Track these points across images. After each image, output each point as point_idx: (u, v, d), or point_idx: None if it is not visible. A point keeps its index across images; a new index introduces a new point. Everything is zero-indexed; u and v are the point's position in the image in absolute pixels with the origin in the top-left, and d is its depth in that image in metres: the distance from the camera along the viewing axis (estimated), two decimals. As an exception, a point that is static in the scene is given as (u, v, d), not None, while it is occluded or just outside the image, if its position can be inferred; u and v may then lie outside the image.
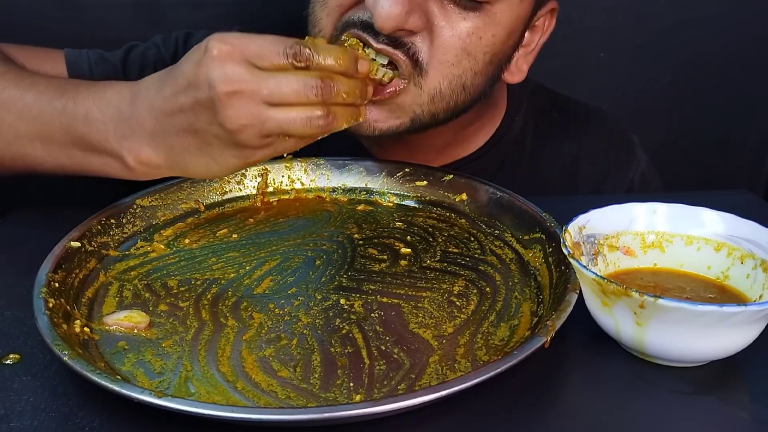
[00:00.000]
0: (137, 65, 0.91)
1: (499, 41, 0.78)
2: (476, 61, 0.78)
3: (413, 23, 0.73)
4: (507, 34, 0.79)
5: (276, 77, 0.61)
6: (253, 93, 0.60)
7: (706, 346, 0.55)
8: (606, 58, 1.35)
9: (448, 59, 0.76)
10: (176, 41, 0.94)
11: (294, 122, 0.61)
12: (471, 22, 0.76)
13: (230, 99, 0.60)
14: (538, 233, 0.70)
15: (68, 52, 0.91)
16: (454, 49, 0.76)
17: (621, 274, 0.63)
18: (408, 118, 0.79)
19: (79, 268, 0.66)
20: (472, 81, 0.79)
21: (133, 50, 0.93)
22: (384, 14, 0.71)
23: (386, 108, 0.78)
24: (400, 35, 0.74)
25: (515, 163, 0.95)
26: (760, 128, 1.44)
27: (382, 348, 0.58)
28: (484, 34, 0.77)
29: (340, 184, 0.83)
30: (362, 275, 0.68)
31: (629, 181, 0.97)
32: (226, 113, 0.60)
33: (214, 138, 0.63)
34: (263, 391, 0.54)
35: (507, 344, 0.59)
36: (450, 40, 0.75)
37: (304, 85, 0.61)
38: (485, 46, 0.77)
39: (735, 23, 1.35)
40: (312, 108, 0.62)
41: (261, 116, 0.61)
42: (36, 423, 0.51)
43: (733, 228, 0.63)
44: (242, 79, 0.60)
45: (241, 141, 0.62)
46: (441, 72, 0.76)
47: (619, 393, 0.56)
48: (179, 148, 0.65)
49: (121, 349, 0.58)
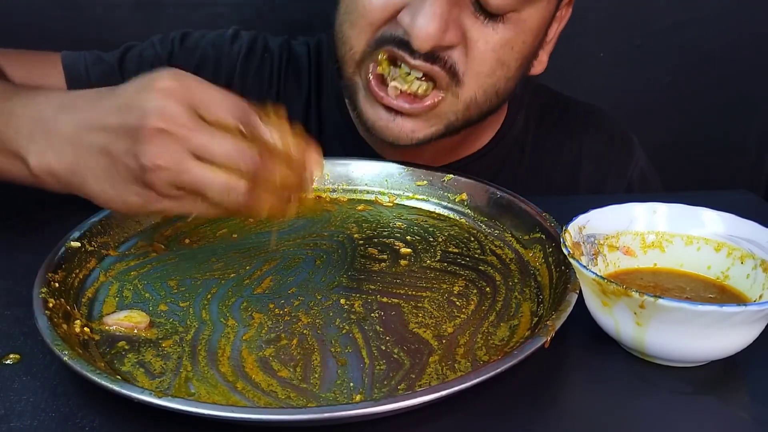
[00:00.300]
0: (134, 65, 0.91)
1: (528, 46, 0.79)
2: (509, 68, 0.79)
3: (450, 39, 0.74)
4: (534, 37, 0.80)
5: (212, 133, 0.56)
6: (183, 138, 0.55)
7: (706, 346, 0.55)
8: (606, 58, 1.35)
9: (483, 71, 0.77)
10: (173, 41, 0.94)
11: (212, 184, 0.56)
12: (503, 33, 0.76)
13: (157, 136, 0.55)
14: (538, 233, 0.70)
15: (65, 54, 0.90)
16: (489, 61, 0.77)
17: (621, 274, 0.63)
18: (443, 125, 0.80)
19: (79, 268, 0.66)
20: (505, 86, 0.80)
21: (131, 50, 0.93)
22: (423, 35, 0.71)
23: (423, 118, 0.78)
24: (436, 50, 0.74)
25: (517, 161, 0.95)
26: (760, 128, 1.44)
27: (382, 348, 0.58)
28: (516, 43, 0.77)
29: (340, 184, 0.83)
30: (362, 275, 0.68)
31: (628, 178, 0.97)
32: (147, 147, 0.55)
33: (124, 168, 0.57)
34: (263, 391, 0.54)
35: (507, 344, 0.59)
36: (485, 54, 0.76)
37: (238, 152, 0.56)
38: (517, 53, 0.78)
39: (735, 23, 1.35)
40: (237, 178, 0.56)
41: (181, 164, 0.56)
42: (36, 423, 0.51)
43: (733, 228, 0.63)
44: (177, 121, 0.55)
45: (150, 181, 0.56)
46: (477, 82, 0.77)
47: (619, 393, 0.56)
48: (85, 164, 0.59)
49: (121, 349, 0.58)
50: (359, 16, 0.77)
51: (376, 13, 0.76)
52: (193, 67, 0.93)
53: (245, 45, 0.95)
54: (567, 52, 1.32)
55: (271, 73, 0.95)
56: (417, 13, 0.72)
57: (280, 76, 0.95)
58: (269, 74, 0.95)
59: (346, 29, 0.79)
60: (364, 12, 0.77)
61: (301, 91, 0.95)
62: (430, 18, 0.71)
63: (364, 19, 0.77)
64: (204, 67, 0.93)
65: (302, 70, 0.96)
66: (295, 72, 0.96)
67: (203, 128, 0.56)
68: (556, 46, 0.88)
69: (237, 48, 0.95)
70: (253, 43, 0.96)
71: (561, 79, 1.08)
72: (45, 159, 0.61)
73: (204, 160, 0.56)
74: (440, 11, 0.71)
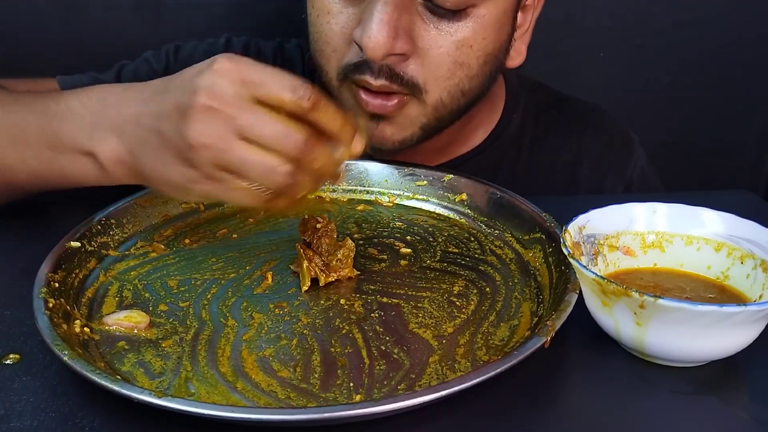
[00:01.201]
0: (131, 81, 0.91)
1: (491, 42, 0.79)
2: (470, 67, 0.79)
3: (401, 47, 0.74)
4: (497, 31, 0.80)
5: (260, 113, 0.57)
6: (230, 117, 0.56)
7: (706, 346, 0.55)
8: (606, 58, 1.35)
9: (442, 74, 0.78)
10: (167, 54, 0.95)
11: (255, 165, 0.57)
12: (459, 34, 0.76)
13: (204, 113, 0.56)
14: (538, 233, 0.70)
15: (62, 79, 0.90)
16: (446, 64, 0.77)
17: (621, 274, 0.63)
18: (417, 128, 0.81)
19: (79, 268, 0.66)
20: (470, 85, 0.80)
21: (124, 69, 0.94)
22: (372, 44, 0.72)
23: (397, 122, 0.80)
24: (392, 63, 0.75)
25: (515, 160, 0.95)
26: (760, 128, 1.44)
27: (382, 348, 0.58)
28: (475, 41, 0.78)
29: (340, 184, 0.83)
30: (362, 275, 0.68)
31: (628, 177, 0.97)
32: (193, 125, 0.56)
33: (172, 145, 0.58)
34: (263, 391, 0.54)
35: (507, 344, 0.59)
36: (440, 57, 0.77)
37: (284, 134, 0.57)
38: (478, 51, 0.78)
39: (735, 23, 1.35)
40: (281, 160, 0.57)
41: (225, 143, 0.56)
42: (36, 423, 0.51)
43: (733, 228, 0.63)
44: (225, 99, 0.56)
45: (194, 160, 0.57)
46: (439, 86, 0.78)
47: (619, 393, 0.56)
48: (141, 144, 0.60)
49: (121, 349, 0.58)
50: (323, 44, 0.79)
51: (336, 38, 0.78)
52: None
53: (239, 51, 0.95)
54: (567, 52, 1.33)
55: None
56: (366, 24, 0.73)
57: None
58: None
59: (317, 58, 0.81)
60: (326, 39, 0.79)
61: None
62: (378, 26, 0.72)
63: (328, 47, 0.79)
64: None
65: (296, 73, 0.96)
66: None
67: (251, 108, 0.56)
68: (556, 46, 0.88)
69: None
70: (246, 49, 0.96)
71: (561, 79, 1.08)
72: (110, 145, 0.62)
73: (250, 140, 0.56)
74: (387, 18, 0.72)
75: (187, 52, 0.95)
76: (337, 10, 0.77)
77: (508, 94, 0.97)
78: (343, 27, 0.77)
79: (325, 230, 0.67)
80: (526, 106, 0.97)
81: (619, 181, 0.97)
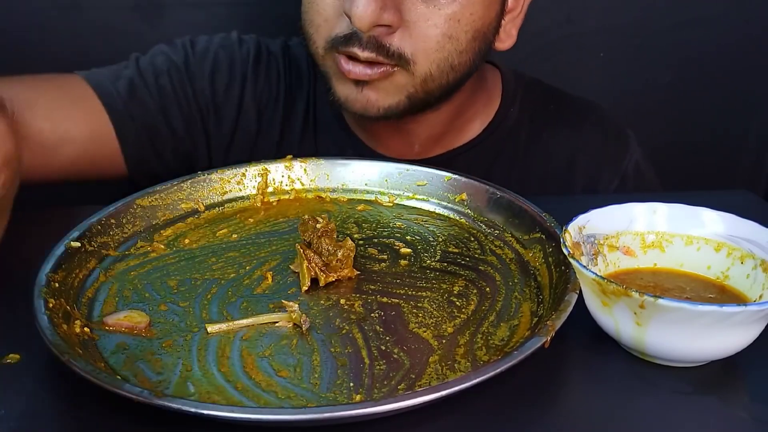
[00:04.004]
0: (151, 77, 0.92)
1: (478, 18, 0.81)
2: (459, 41, 0.81)
3: (389, 18, 0.77)
4: (485, 8, 0.82)
5: None
6: None
7: (706, 346, 0.55)
8: (606, 58, 1.35)
9: (431, 47, 0.80)
10: (184, 46, 0.95)
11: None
12: (447, 8, 0.79)
13: None
14: (538, 233, 0.70)
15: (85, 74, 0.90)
16: (435, 36, 0.80)
17: (621, 274, 0.63)
18: (404, 96, 0.83)
19: (79, 268, 0.66)
20: (459, 60, 0.83)
21: (139, 60, 0.94)
22: (360, 13, 0.75)
23: (381, 89, 0.82)
24: (379, 34, 0.78)
25: (511, 154, 0.96)
26: (760, 128, 1.44)
27: (382, 348, 0.58)
28: (462, 16, 0.80)
29: (340, 184, 0.83)
30: (362, 275, 0.68)
31: (623, 171, 0.97)
32: None
33: None
34: (263, 391, 0.54)
35: (507, 344, 0.59)
36: (428, 30, 0.80)
37: None
38: (465, 26, 0.81)
39: (735, 23, 1.35)
40: None
41: None
42: (36, 423, 0.51)
43: (733, 228, 0.63)
44: None
45: None
46: (427, 59, 0.81)
47: (619, 393, 0.56)
48: None
49: (121, 349, 0.58)
50: (315, 13, 0.82)
51: (328, 9, 0.81)
52: (209, 71, 0.94)
53: (252, 49, 0.97)
54: (567, 52, 1.33)
55: (278, 75, 0.97)
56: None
57: (285, 78, 0.97)
58: (276, 76, 0.97)
59: (307, 27, 0.84)
60: (317, 9, 0.82)
61: (302, 92, 0.97)
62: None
63: (320, 16, 0.82)
64: (219, 71, 0.94)
65: (302, 71, 0.97)
66: (296, 73, 0.97)
67: None
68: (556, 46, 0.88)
69: (246, 51, 0.96)
70: (258, 47, 0.97)
71: (561, 79, 1.08)
72: None
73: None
74: None
75: (203, 46, 0.95)
76: None
77: (505, 88, 0.98)
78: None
79: (325, 230, 0.67)
80: (523, 101, 0.98)
81: (614, 175, 0.97)
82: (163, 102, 0.91)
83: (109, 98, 0.88)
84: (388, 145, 0.93)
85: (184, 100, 0.93)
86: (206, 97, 0.94)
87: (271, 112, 0.96)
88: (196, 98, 0.93)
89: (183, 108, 0.93)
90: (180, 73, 0.93)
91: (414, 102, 0.84)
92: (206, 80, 0.94)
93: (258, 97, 0.95)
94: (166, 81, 0.92)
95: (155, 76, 0.92)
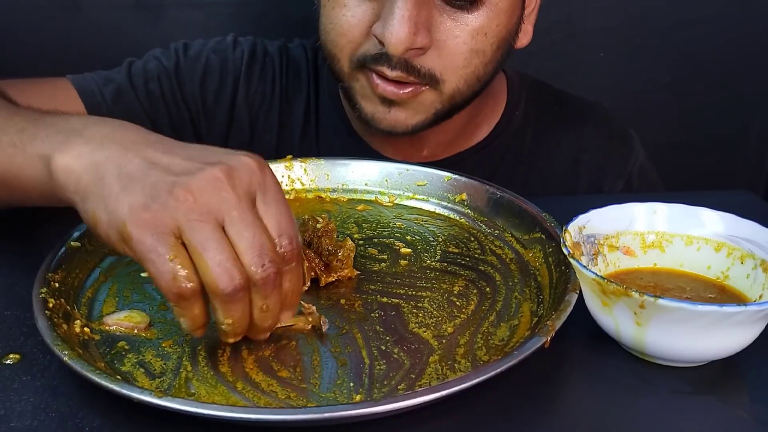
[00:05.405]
0: (141, 80, 0.92)
1: (503, 27, 0.82)
2: (485, 54, 0.81)
3: (421, 41, 0.77)
4: (510, 16, 0.82)
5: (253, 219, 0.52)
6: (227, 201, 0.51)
7: (706, 346, 0.55)
8: (606, 58, 1.35)
9: (459, 64, 0.80)
10: (176, 52, 0.95)
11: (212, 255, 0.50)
12: (475, 23, 0.79)
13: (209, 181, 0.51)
14: (538, 233, 0.70)
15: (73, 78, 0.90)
16: (463, 54, 0.80)
17: (621, 274, 0.63)
18: (431, 113, 0.83)
19: (79, 268, 0.66)
20: (485, 71, 0.83)
21: (133, 65, 0.94)
22: (394, 40, 0.75)
23: (410, 108, 0.82)
24: (410, 56, 0.78)
25: (517, 155, 0.96)
26: (760, 128, 1.44)
27: (382, 348, 0.58)
28: (489, 29, 0.80)
29: (340, 184, 0.83)
30: (362, 275, 0.68)
31: (628, 173, 0.98)
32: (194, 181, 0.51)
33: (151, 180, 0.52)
34: (263, 391, 0.54)
35: (507, 344, 0.59)
36: (457, 48, 0.79)
37: (261, 248, 0.51)
38: (492, 38, 0.81)
39: (735, 23, 1.35)
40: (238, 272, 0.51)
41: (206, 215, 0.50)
42: (36, 423, 0.51)
43: (733, 228, 0.63)
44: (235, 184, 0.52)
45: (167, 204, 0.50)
46: (456, 75, 0.81)
47: (619, 393, 0.56)
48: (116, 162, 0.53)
49: (121, 349, 0.58)
50: (338, 35, 0.81)
51: (353, 30, 0.80)
52: (200, 75, 0.94)
53: (247, 50, 0.96)
54: (567, 52, 1.33)
55: (274, 77, 0.96)
56: (387, 20, 0.75)
57: (282, 80, 0.96)
58: (272, 78, 0.96)
59: (330, 48, 0.83)
60: (342, 31, 0.81)
61: (301, 93, 0.97)
62: (400, 23, 0.74)
63: (344, 38, 0.81)
64: (210, 74, 0.94)
65: (301, 73, 0.97)
66: (295, 74, 0.97)
67: (249, 209, 0.52)
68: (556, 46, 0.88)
69: (239, 53, 0.96)
70: (254, 48, 0.97)
71: (561, 79, 1.08)
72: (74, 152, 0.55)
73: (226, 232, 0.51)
74: (408, 15, 0.75)
75: (196, 50, 0.95)
76: (354, 3, 0.79)
77: (510, 91, 0.98)
78: (361, 20, 0.79)
79: (325, 230, 0.67)
80: (528, 103, 0.98)
81: (619, 176, 0.97)
82: (151, 107, 0.91)
83: (93, 103, 0.88)
84: (396, 150, 0.93)
85: (173, 104, 0.93)
86: (196, 101, 0.94)
87: (266, 114, 0.95)
88: (186, 102, 0.93)
89: (172, 113, 0.92)
90: (170, 77, 0.93)
91: (440, 116, 0.84)
92: (196, 84, 0.94)
93: (251, 98, 0.95)
94: (155, 86, 0.92)
95: (145, 82, 0.92)
